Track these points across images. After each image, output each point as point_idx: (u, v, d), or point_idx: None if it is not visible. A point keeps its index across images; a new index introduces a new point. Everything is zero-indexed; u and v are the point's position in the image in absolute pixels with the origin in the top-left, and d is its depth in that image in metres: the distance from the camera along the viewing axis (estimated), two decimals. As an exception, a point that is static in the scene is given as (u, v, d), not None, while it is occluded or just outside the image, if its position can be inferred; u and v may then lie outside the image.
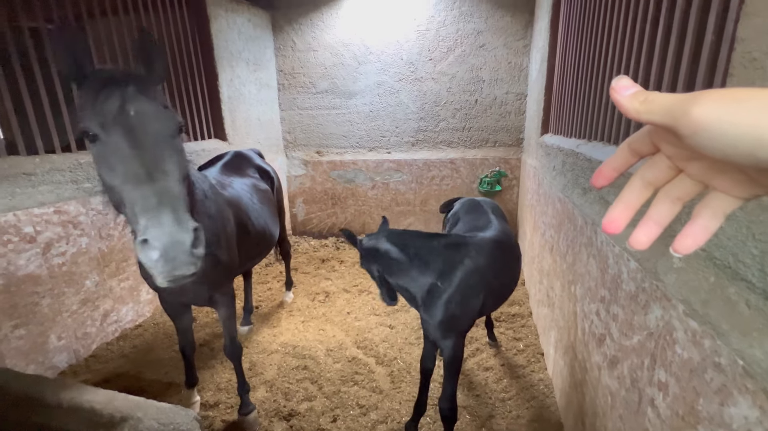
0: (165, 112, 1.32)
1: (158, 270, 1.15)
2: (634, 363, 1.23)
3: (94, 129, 1.23)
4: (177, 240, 1.14)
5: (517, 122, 4.71)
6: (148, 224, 1.15)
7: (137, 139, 1.22)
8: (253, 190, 2.64)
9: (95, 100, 1.24)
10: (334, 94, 5.12)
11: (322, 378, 2.61)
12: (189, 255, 1.17)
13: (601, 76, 2.06)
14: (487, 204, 2.41)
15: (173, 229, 1.15)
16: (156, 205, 1.16)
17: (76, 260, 2.75)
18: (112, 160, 1.22)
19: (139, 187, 1.19)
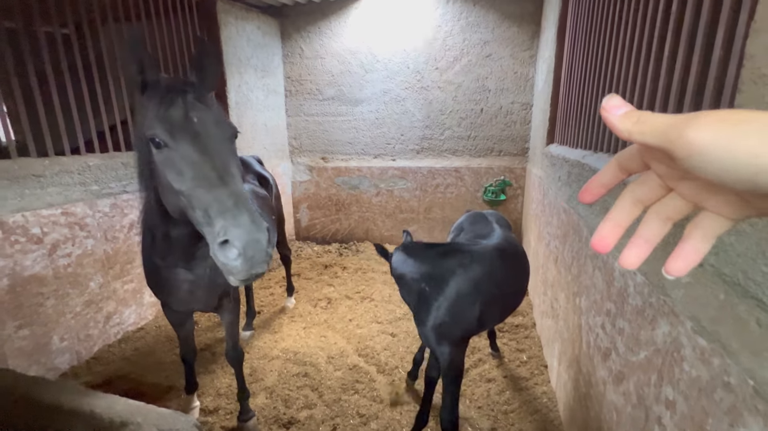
0: (223, 119, 1.42)
1: (238, 269, 1.19)
2: (641, 380, 1.21)
3: (162, 136, 1.29)
4: (255, 239, 1.18)
5: (522, 132, 4.72)
6: (227, 225, 1.18)
7: (204, 144, 1.29)
8: (252, 196, 2.62)
9: (158, 107, 1.30)
10: (340, 101, 5.16)
11: (323, 386, 2.59)
12: (265, 253, 1.22)
13: (607, 87, 2.06)
14: (492, 215, 2.41)
15: (251, 229, 1.19)
16: (233, 207, 1.20)
17: (82, 262, 2.77)
18: (182, 165, 1.28)
19: (213, 190, 1.23)
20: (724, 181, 0.29)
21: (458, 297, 1.75)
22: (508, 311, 2.05)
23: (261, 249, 1.20)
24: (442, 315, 1.75)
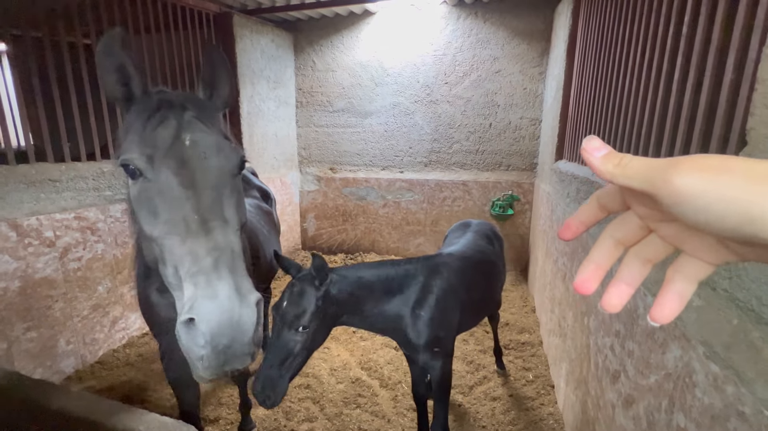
0: (226, 144, 1.08)
1: (204, 365, 0.86)
2: (651, 404, 1.18)
3: (138, 162, 0.97)
4: (235, 321, 0.85)
5: (531, 147, 4.72)
6: (197, 294, 0.85)
7: (192, 175, 0.97)
8: (259, 212, 2.43)
9: (144, 126, 1.01)
10: (350, 113, 5.23)
11: (325, 399, 2.56)
12: (247, 345, 0.88)
13: (617, 105, 2.06)
14: (477, 224, 2.47)
15: (231, 305, 0.85)
16: (210, 267, 0.87)
17: (91, 266, 2.81)
18: (158, 202, 0.96)
19: (189, 239, 0.91)
20: (712, 230, 0.29)
21: (444, 307, 1.77)
22: (480, 316, 2.14)
23: (243, 340, 0.86)
24: (435, 329, 1.75)
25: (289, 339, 1.46)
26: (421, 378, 2.05)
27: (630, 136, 1.83)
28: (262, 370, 1.42)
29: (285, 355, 1.45)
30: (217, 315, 0.84)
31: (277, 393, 1.41)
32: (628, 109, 1.88)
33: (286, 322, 1.47)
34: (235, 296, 0.87)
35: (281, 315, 1.49)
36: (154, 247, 1.00)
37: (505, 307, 3.83)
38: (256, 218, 2.31)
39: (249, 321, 0.88)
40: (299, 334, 1.48)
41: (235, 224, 1.02)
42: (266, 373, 1.41)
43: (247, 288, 0.91)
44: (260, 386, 1.40)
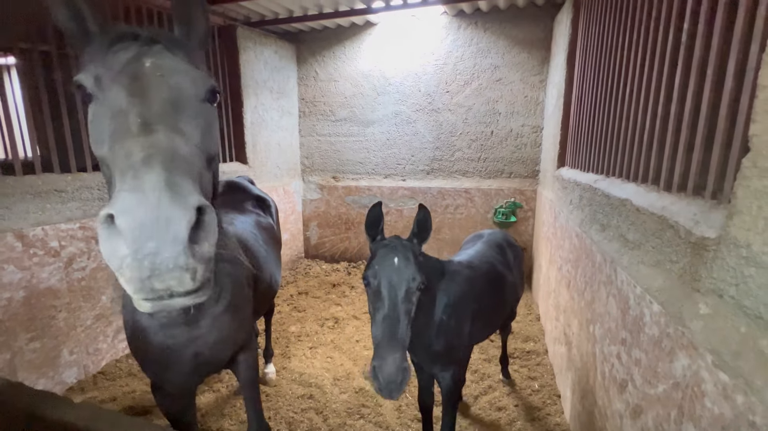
0: (194, 71, 0.98)
1: (127, 277, 0.69)
2: (660, 415, 1.16)
3: (86, 82, 0.89)
4: (163, 218, 0.68)
5: (532, 154, 4.73)
6: (121, 188, 0.71)
7: (144, 88, 0.86)
8: (258, 229, 2.21)
9: (104, 54, 0.92)
10: (352, 122, 5.27)
11: (328, 409, 2.53)
12: (182, 251, 0.69)
13: (618, 112, 2.07)
14: (489, 234, 2.42)
15: (160, 199, 0.68)
16: (141, 162, 0.73)
17: (95, 275, 2.82)
18: (105, 120, 0.86)
19: (128, 140, 0.78)
20: None
21: (458, 314, 1.73)
22: (490, 328, 2.09)
23: (172, 244, 0.68)
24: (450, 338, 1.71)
25: (406, 305, 1.35)
26: (429, 387, 2.01)
27: (632, 143, 1.84)
28: (387, 353, 1.26)
29: (403, 326, 1.32)
30: (138, 210, 0.66)
31: (406, 375, 1.28)
32: (629, 115, 1.89)
33: (403, 281, 1.35)
34: (165, 190, 0.69)
35: (394, 274, 1.35)
36: (105, 170, 0.89)
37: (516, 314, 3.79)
38: (253, 237, 2.08)
39: (182, 224, 0.69)
40: (414, 295, 1.39)
41: (194, 139, 0.89)
42: (393, 355, 1.25)
43: (187, 189, 0.73)
44: (394, 369, 1.24)
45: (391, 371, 1.25)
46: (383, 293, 1.35)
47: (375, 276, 1.39)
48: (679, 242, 1.14)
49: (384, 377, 1.25)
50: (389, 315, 1.32)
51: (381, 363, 1.26)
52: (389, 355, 1.26)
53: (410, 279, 1.37)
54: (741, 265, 0.86)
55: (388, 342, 1.28)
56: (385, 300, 1.34)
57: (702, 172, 1.24)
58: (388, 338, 1.29)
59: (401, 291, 1.35)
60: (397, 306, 1.34)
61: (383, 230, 1.57)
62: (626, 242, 1.60)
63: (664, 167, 1.47)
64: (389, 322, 1.31)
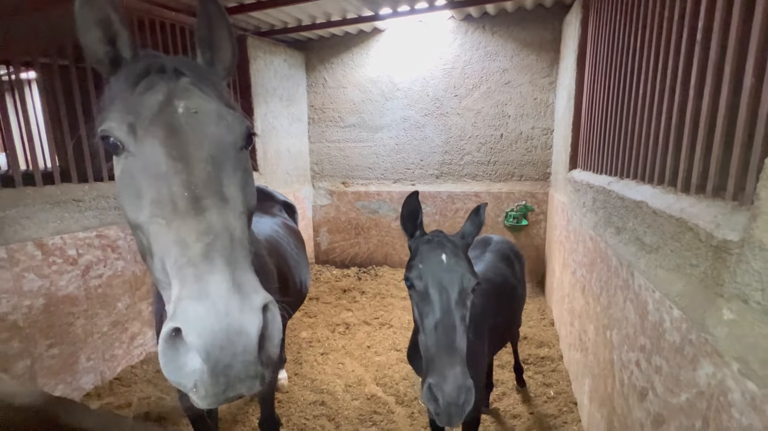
0: (228, 112, 0.90)
1: (201, 395, 0.65)
2: (683, 425, 1.12)
3: (117, 133, 0.81)
4: (235, 329, 0.63)
5: (543, 156, 4.67)
6: (182, 294, 0.65)
7: (184, 146, 0.79)
8: (287, 231, 2.24)
9: (130, 93, 0.85)
10: (361, 127, 5.30)
11: (340, 416, 2.51)
12: (254, 362, 0.65)
13: (631, 113, 2.03)
14: (496, 243, 2.33)
15: (228, 306, 0.63)
16: (201, 256, 0.67)
17: (111, 283, 2.88)
18: (142, 180, 0.79)
19: (177, 221, 0.72)
20: None
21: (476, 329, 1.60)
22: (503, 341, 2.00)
23: (245, 354, 0.64)
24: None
25: (460, 310, 1.15)
26: None
27: (647, 143, 1.80)
28: (446, 368, 1.04)
29: (460, 335, 1.11)
30: (208, 320, 0.61)
31: (470, 396, 1.05)
32: (643, 116, 1.85)
33: (455, 281, 1.15)
34: (234, 295, 0.64)
35: (444, 273, 1.16)
36: (141, 237, 0.81)
37: (523, 320, 3.73)
38: (285, 240, 2.10)
39: (252, 332, 0.64)
40: (469, 298, 1.19)
41: (239, 205, 0.82)
42: (453, 370, 1.04)
43: (251, 286, 0.68)
44: (456, 388, 1.02)
45: (453, 390, 1.02)
46: (432, 296, 1.15)
47: (420, 276, 1.18)
48: (700, 245, 1.11)
49: (445, 397, 1.02)
50: (443, 322, 1.11)
51: (440, 380, 1.03)
52: (449, 370, 1.03)
53: (463, 278, 1.18)
54: (767, 269, 0.83)
55: (445, 354, 1.05)
56: (436, 304, 1.14)
57: (722, 173, 1.20)
58: (445, 349, 1.06)
59: (454, 293, 1.15)
60: (451, 310, 1.13)
61: (422, 224, 1.39)
62: (643, 245, 1.56)
63: (682, 168, 1.43)
64: (444, 330, 1.10)
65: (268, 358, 0.69)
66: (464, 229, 1.39)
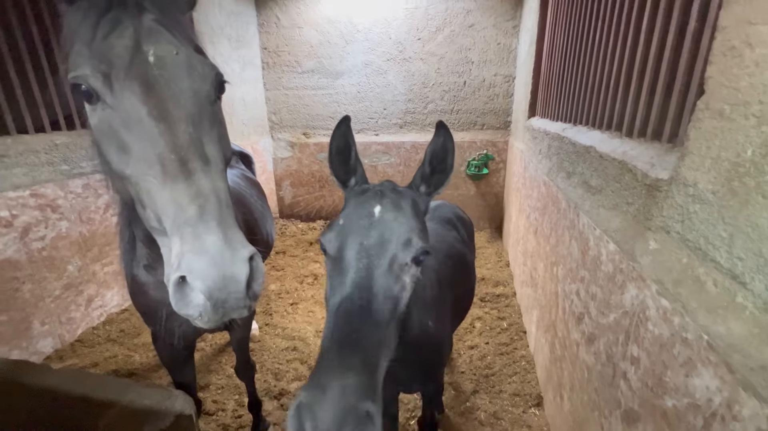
0: (199, 60, 0.92)
1: (204, 320, 0.82)
2: (610, 340, 1.30)
3: (93, 82, 0.81)
4: (229, 275, 0.79)
5: (505, 105, 4.71)
6: (184, 250, 0.79)
7: (163, 105, 0.83)
8: (247, 183, 2.20)
9: (93, 33, 0.83)
10: (320, 73, 4.99)
11: (312, 359, 2.66)
12: (243, 298, 0.83)
13: (587, 58, 2.07)
14: (434, 209, 2.04)
15: (224, 259, 0.79)
16: (196, 218, 0.79)
17: (57, 245, 2.69)
18: (125, 135, 0.83)
19: (169, 183, 0.81)
20: None
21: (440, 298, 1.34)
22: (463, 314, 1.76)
23: (236, 294, 0.81)
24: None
25: (388, 285, 0.79)
26: (392, 407, 1.59)
27: (599, 90, 1.86)
28: (331, 375, 0.65)
29: (379, 326, 0.74)
30: (211, 272, 0.78)
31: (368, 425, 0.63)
32: (598, 61, 1.89)
33: (388, 244, 0.81)
34: (227, 250, 0.80)
35: (371, 232, 0.83)
36: (129, 187, 0.90)
37: (481, 263, 4.00)
38: (248, 192, 2.07)
39: (242, 278, 0.81)
40: (408, 271, 0.83)
41: (219, 163, 0.91)
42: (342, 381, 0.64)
43: (239, 242, 0.83)
44: (335, 414, 0.61)
45: (329, 416, 0.61)
46: (347, 263, 0.81)
47: (338, 236, 0.85)
48: (636, 185, 1.21)
49: (313, 426, 0.62)
50: (350, 300, 0.75)
51: (312, 396, 0.64)
52: (334, 380, 0.64)
53: (400, 241, 0.82)
54: (687, 203, 0.93)
55: (338, 352, 0.68)
56: (349, 273, 0.79)
57: (661, 118, 1.29)
58: (342, 343, 0.69)
59: (381, 260, 0.80)
60: (370, 286, 0.77)
61: (361, 168, 1.05)
62: (589, 188, 1.68)
63: (627, 113, 1.51)
64: (345, 313, 0.74)
65: (254, 294, 0.86)
66: (420, 173, 0.98)
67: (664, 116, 1.25)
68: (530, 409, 2.21)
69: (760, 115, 0.71)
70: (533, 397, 2.27)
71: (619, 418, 1.19)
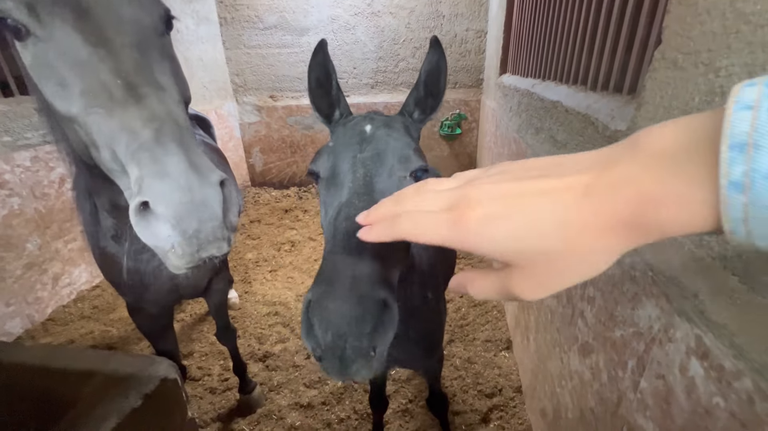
0: None
1: (178, 254, 0.72)
2: (570, 284, 1.41)
3: (16, 14, 0.72)
4: (198, 200, 0.70)
5: (477, 62, 4.63)
6: (143, 174, 0.69)
7: (100, 32, 0.74)
8: (207, 150, 2.09)
9: None
10: (284, 30, 4.68)
11: (294, 322, 2.73)
12: (220, 227, 0.74)
13: (556, 13, 2.04)
14: None
15: (189, 180, 0.70)
16: (152, 140, 0.70)
17: (11, 223, 2.53)
18: (63, 68, 0.74)
19: (117, 110, 0.72)
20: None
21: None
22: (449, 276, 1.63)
23: (211, 221, 0.72)
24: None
25: (393, 191, 0.68)
26: (382, 388, 1.68)
27: (566, 44, 1.86)
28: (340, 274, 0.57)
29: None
30: (175, 194, 0.68)
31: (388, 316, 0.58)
32: (566, 14, 1.88)
33: (386, 156, 0.75)
34: (192, 173, 0.71)
35: (366, 146, 0.76)
36: (77, 130, 0.80)
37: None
38: (208, 157, 1.98)
39: (215, 203, 0.73)
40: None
41: (175, 94, 0.83)
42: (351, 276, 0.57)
43: (206, 166, 0.75)
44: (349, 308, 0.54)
45: (341, 309, 0.54)
46: (342, 176, 0.74)
47: (329, 157, 0.78)
48: (597, 137, 1.26)
49: (325, 326, 0.55)
50: (352, 204, 0.67)
51: (320, 291, 0.57)
52: (342, 273, 0.57)
53: (398, 155, 0.75)
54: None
55: (342, 252, 0.59)
56: (346, 183, 0.72)
57: (623, 70, 1.32)
58: (347, 246, 0.60)
59: (380, 169, 0.73)
60: (371, 191, 0.70)
61: (344, 99, 0.95)
62: (555, 143, 1.73)
63: (592, 67, 1.53)
64: (350, 218, 0.64)
65: (231, 224, 0.79)
66: (411, 99, 0.92)
67: (626, 69, 1.28)
68: (501, 352, 2.40)
69: (708, 62, 0.75)
70: (503, 342, 2.46)
71: (576, 352, 1.32)
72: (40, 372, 1.17)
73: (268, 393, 2.18)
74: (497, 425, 1.96)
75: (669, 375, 0.79)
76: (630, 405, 0.94)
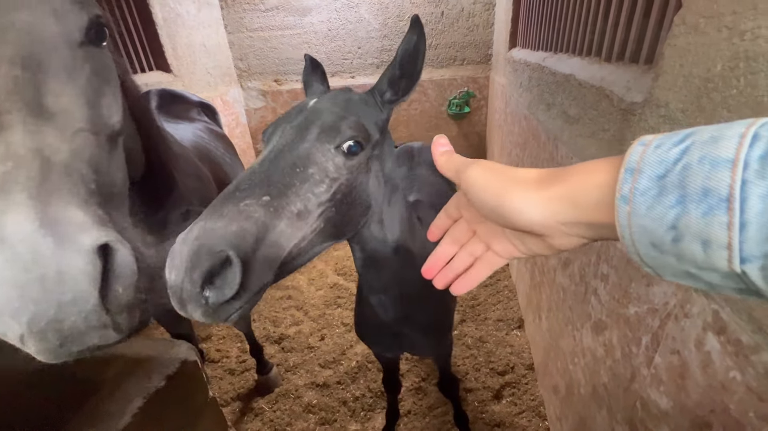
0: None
1: (35, 350, 0.52)
2: (583, 262, 1.39)
3: None
4: (49, 273, 0.50)
5: (485, 36, 4.48)
6: None
7: None
8: (212, 136, 2.09)
9: None
10: (285, 10, 4.57)
11: (307, 305, 2.79)
12: (91, 309, 0.53)
13: (569, -22, 1.94)
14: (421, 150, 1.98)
15: (35, 246, 0.50)
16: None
17: None
18: None
19: None
20: (484, 212, 0.44)
21: None
22: None
23: (73, 301, 0.51)
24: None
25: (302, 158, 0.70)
26: (395, 369, 1.76)
27: (579, 13, 1.78)
28: (206, 216, 0.60)
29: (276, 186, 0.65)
30: (9, 274, 0.48)
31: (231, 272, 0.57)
32: (580, -20, 1.78)
33: (312, 123, 0.75)
34: (45, 237, 0.50)
35: (299, 117, 0.78)
36: None
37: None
38: (213, 145, 1.94)
39: (81, 275, 0.52)
40: (333, 158, 0.72)
41: (76, 121, 0.64)
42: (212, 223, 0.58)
43: (76, 223, 0.54)
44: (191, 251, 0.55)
45: (185, 252, 0.55)
46: (269, 143, 0.78)
47: (272, 126, 0.82)
48: (612, 110, 1.22)
49: (169, 267, 0.56)
50: (255, 167, 0.69)
51: (181, 238, 0.58)
52: (208, 220, 0.59)
53: (326, 126, 0.74)
54: (659, 124, 0.95)
55: (218, 203, 0.62)
56: (269, 146, 0.75)
57: (640, 38, 1.25)
58: (226, 197, 0.63)
59: (297, 136, 0.73)
60: (280, 157, 0.70)
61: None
62: (568, 118, 1.68)
63: (607, 36, 1.46)
64: (248, 177, 0.67)
65: (119, 304, 0.57)
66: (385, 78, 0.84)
67: (643, 37, 1.22)
68: (512, 331, 2.42)
69: (732, 26, 0.70)
70: (515, 321, 2.48)
71: (589, 329, 1.32)
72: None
73: (285, 373, 2.25)
74: (509, 401, 1.99)
75: (684, 350, 0.78)
76: (644, 380, 0.94)
